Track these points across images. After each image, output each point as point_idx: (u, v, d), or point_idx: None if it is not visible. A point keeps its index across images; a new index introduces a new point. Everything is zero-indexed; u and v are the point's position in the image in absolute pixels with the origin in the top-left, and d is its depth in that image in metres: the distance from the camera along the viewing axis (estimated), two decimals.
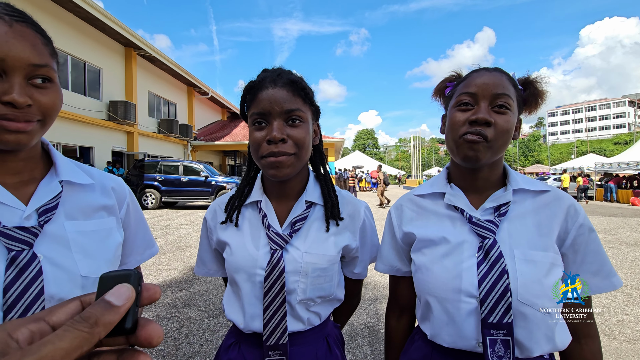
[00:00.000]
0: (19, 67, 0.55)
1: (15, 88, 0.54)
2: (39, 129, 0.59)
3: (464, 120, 0.74)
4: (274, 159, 0.76)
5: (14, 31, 0.55)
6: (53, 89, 0.60)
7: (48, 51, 0.59)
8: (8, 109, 0.54)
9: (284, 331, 0.77)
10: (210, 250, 0.94)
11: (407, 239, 0.85)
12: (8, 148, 0.57)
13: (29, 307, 0.55)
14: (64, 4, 10.58)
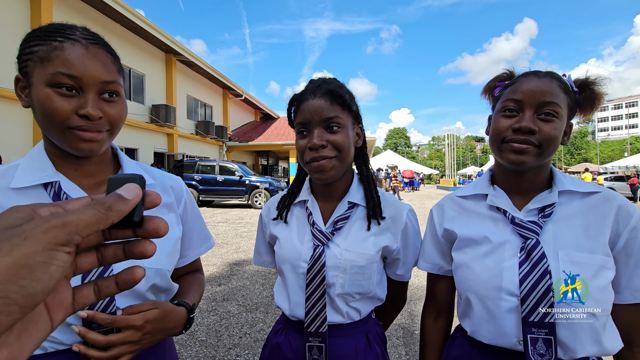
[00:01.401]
0: (93, 85, 0.63)
1: (89, 103, 0.62)
2: (107, 137, 0.67)
3: (507, 127, 0.75)
4: (317, 164, 0.82)
5: (89, 52, 0.63)
6: (120, 102, 0.68)
7: (116, 68, 0.68)
8: (83, 121, 0.62)
9: (323, 320, 0.83)
10: (264, 243, 1.04)
11: (448, 236, 0.87)
12: (83, 155, 0.65)
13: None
14: (111, 15, 11.37)
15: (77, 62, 0.61)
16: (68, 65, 0.60)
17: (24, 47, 0.63)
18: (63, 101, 0.60)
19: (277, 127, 22.49)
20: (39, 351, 0.61)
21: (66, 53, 0.60)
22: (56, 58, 0.60)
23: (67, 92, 0.61)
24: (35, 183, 0.64)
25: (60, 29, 0.63)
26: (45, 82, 0.60)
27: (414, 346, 2.59)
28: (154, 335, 0.67)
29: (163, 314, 0.68)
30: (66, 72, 0.60)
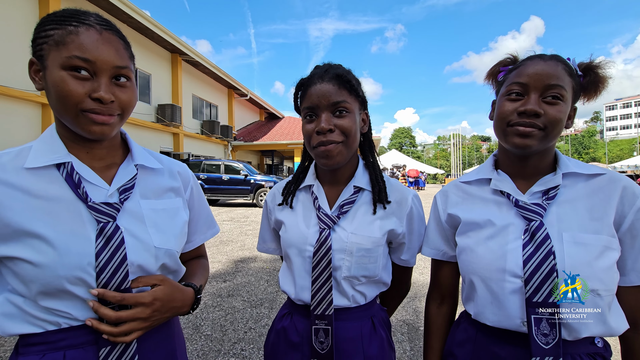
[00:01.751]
0: (106, 69, 0.64)
1: (102, 87, 0.63)
2: (118, 121, 0.69)
3: (512, 110, 0.75)
4: (324, 148, 0.83)
5: (103, 38, 0.64)
6: (131, 87, 0.69)
7: (127, 54, 0.69)
8: (96, 104, 0.63)
9: (329, 303, 0.83)
10: (269, 229, 1.05)
11: (451, 221, 0.87)
12: (94, 137, 0.67)
13: (115, 270, 0.64)
14: (118, 15, 11.49)
15: (91, 46, 0.62)
16: (83, 49, 0.61)
17: (39, 31, 0.64)
18: (77, 84, 0.62)
19: (282, 126, 22.53)
20: (53, 327, 0.63)
21: (81, 37, 0.62)
22: (71, 42, 0.61)
23: (82, 75, 0.62)
24: (49, 163, 0.65)
25: (75, 14, 0.65)
26: (61, 65, 0.61)
27: (418, 342, 2.59)
28: (162, 313, 0.69)
29: (171, 291, 0.70)
30: (81, 55, 0.61)
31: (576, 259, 0.68)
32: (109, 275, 0.64)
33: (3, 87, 8.21)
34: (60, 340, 0.63)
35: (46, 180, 0.65)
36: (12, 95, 8.46)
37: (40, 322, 0.63)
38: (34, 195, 0.63)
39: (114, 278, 0.64)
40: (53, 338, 0.63)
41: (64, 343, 0.64)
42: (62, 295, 0.62)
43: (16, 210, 0.61)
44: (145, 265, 0.69)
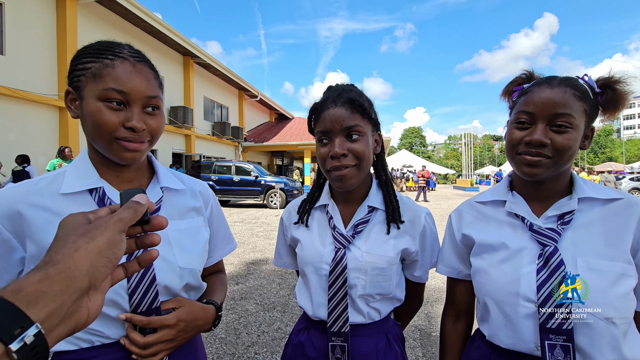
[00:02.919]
0: (138, 99, 0.68)
1: (135, 116, 0.67)
2: (148, 147, 0.73)
3: (520, 139, 0.76)
4: (338, 173, 0.85)
5: (136, 70, 0.68)
6: (160, 115, 0.73)
7: (157, 84, 0.73)
8: (128, 132, 0.68)
9: (345, 320, 0.86)
10: (285, 245, 1.08)
11: (466, 242, 0.88)
12: (126, 163, 0.71)
13: (146, 291, 0.68)
14: (132, 20, 11.72)
15: (125, 78, 0.66)
16: (118, 81, 0.65)
17: (76, 63, 0.69)
18: (112, 114, 0.66)
19: (292, 127, 22.62)
20: (86, 344, 0.67)
21: (116, 70, 0.66)
22: (107, 75, 0.65)
23: (116, 106, 0.66)
24: (82, 189, 0.70)
25: (110, 47, 0.69)
26: (97, 96, 0.65)
27: (431, 347, 2.59)
28: (187, 332, 0.72)
29: (193, 310, 0.73)
30: (116, 88, 0.65)
31: (590, 286, 0.69)
32: (140, 297, 0.67)
33: (23, 92, 8.47)
34: (93, 358, 0.67)
35: (79, 204, 0.69)
36: (31, 100, 8.71)
37: (75, 340, 0.66)
38: None
39: (144, 299, 0.68)
40: (86, 355, 0.67)
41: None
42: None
43: (52, 233, 0.64)
44: (170, 285, 0.73)
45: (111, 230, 0.37)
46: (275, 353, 2.50)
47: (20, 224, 0.64)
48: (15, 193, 0.67)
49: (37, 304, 0.30)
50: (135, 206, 0.41)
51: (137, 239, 0.43)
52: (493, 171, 40.89)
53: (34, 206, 0.66)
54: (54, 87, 9.43)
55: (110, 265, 0.36)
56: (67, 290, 0.32)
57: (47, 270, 0.32)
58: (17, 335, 0.28)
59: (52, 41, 9.41)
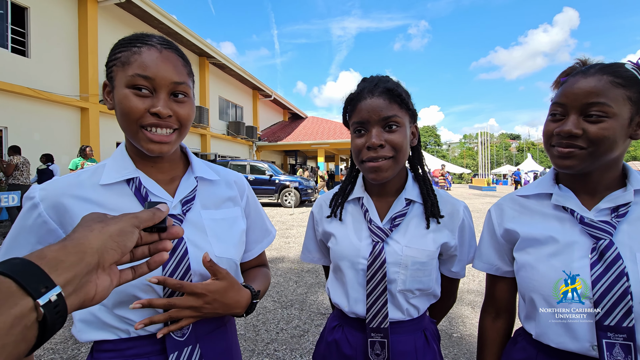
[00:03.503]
0: (164, 85, 0.67)
1: (161, 102, 0.66)
2: (176, 137, 0.71)
3: (551, 131, 0.75)
4: (374, 164, 0.83)
5: (162, 56, 0.67)
6: (188, 102, 0.72)
7: (186, 71, 0.72)
8: (154, 119, 0.67)
9: (385, 316, 0.83)
10: (315, 240, 1.06)
11: (508, 236, 0.85)
12: (153, 155, 0.69)
13: (181, 279, 0.67)
14: (150, 21, 11.95)
15: (151, 64, 0.65)
16: (144, 67, 0.65)
17: (111, 55, 0.69)
18: (138, 100, 0.65)
19: (305, 126, 22.66)
20: (124, 335, 0.67)
21: (143, 56, 0.66)
22: (134, 61, 0.65)
23: (142, 92, 0.66)
24: (119, 179, 0.70)
25: (140, 37, 0.69)
26: (125, 83, 0.65)
27: (452, 349, 2.54)
28: (213, 307, 0.68)
29: (225, 287, 0.69)
30: (142, 73, 0.65)
31: None
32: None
33: (46, 93, 8.75)
34: (129, 349, 0.67)
35: (118, 194, 0.70)
36: (55, 100, 9.00)
37: (113, 330, 0.67)
38: (109, 209, 0.68)
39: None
40: (123, 346, 0.67)
41: (132, 351, 0.67)
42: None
43: None
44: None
45: (125, 222, 0.42)
46: (294, 350, 2.50)
47: (64, 214, 0.66)
48: (59, 186, 0.68)
49: (56, 270, 0.33)
50: (155, 211, 0.46)
51: (151, 245, 0.47)
52: (510, 170, 40.01)
53: (76, 197, 0.68)
54: (76, 88, 9.71)
55: (119, 250, 0.40)
56: (79, 263, 0.36)
57: (64, 242, 0.37)
58: (43, 293, 0.31)
59: (74, 44, 9.69)
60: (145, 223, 0.44)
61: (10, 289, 0.30)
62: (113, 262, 0.40)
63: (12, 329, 0.29)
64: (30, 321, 0.30)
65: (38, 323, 0.31)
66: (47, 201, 0.66)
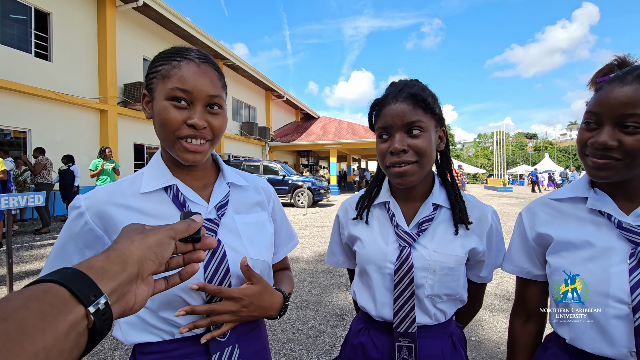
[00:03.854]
0: (201, 98, 0.69)
1: (197, 114, 0.69)
2: (209, 147, 0.74)
3: (586, 141, 0.73)
4: (398, 169, 0.83)
5: (200, 70, 0.70)
6: (222, 114, 0.75)
7: (221, 84, 0.75)
8: (191, 130, 0.69)
9: (412, 321, 0.83)
10: (340, 243, 1.07)
11: (540, 240, 0.83)
12: (187, 164, 0.72)
13: (221, 281, 0.70)
14: (165, 24, 12.19)
15: (189, 78, 0.68)
16: (183, 81, 0.68)
17: (151, 67, 0.72)
18: (176, 112, 0.68)
19: (318, 127, 22.68)
20: (168, 337, 0.69)
21: (182, 70, 0.68)
22: (174, 75, 0.68)
23: (180, 104, 0.68)
24: (158, 187, 0.73)
25: (179, 51, 0.72)
26: (165, 96, 0.68)
27: (470, 353, 2.50)
28: (250, 310, 0.72)
29: (260, 291, 0.73)
30: (180, 86, 0.67)
31: None
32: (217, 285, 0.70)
33: (67, 96, 9.02)
34: (174, 350, 0.69)
35: (157, 201, 0.73)
36: (75, 103, 9.27)
37: (157, 332, 0.69)
38: (150, 216, 0.71)
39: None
40: (168, 347, 0.69)
41: (177, 352, 0.69)
42: (179, 306, 0.68)
43: None
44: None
45: (163, 234, 0.44)
46: (310, 351, 2.51)
47: (109, 221, 0.69)
48: (103, 195, 0.71)
49: (102, 279, 0.35)
50: (190, 222, 0.48)
51: (185, 255, 0.48)
52: (527, 170, 39.13)
53: (119, 205, 0.70)
54: (95, 90, 9.98)
55: (157, 261, 0.42)
56: (122, 272, 0.37)
57: (108, 252, 0.39)
58: (93, 301, 0.33)
59: (93, 47, 9.96)
60: (181, 234, 0.46)
61: (65, 296, 0.31)
62: (151, 272, 0.42)
63: (68, 335, 0.30)
64: (82, 328, 0.32)
65: (88, 330, 0.33)
66: (92, 210, 0.69)
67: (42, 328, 0.28)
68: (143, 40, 11.79)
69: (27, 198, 3.60)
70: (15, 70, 8.06)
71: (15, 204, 3.50)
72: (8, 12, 8.20)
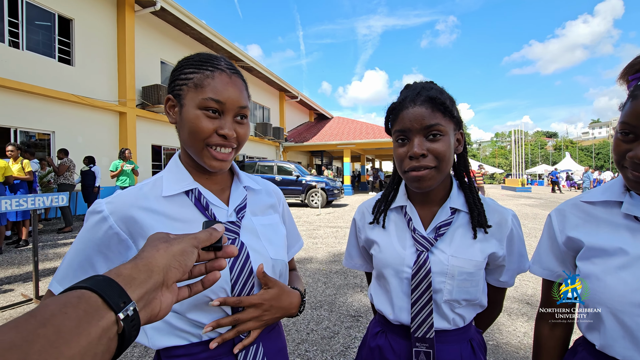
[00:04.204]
0: (232, 109, 0.72)
1: (227, 124, 0.72)
2: (234, 155, 0.77)
3: (624, 152, 0.70)
4: (416, 174, 0.82)
5: (232, 81, 0.73)
6: (247, 123, 0.78)
7: (247, 95, 0.78)
8: (220, 139, 0.72)
9: (430, 326, 0.82)
10: (357, 247, 1.07)
11: (571, 244, 0.81)
12: (214, 171, 0.75)
13: (246, 281, 0.72)
14: (182, 27, 12.43)
15: (222, 89, 0.71)
16: (217, 92, 0.70)
17: (179, 73, 0.74)
18: (208, 122, 0.70)
19: (331, 127, 22.66)
20: (196, 339, 0.70)
21: (215, 81, 0.71)
22: (208, 85, 0.70)
23: (212, 114, 0.71)
24: (180, 191, 0.75)
25: (209, 59, 0.73)
26: (197, 105, 0.70)
27: (488, 357, 2.45)
28: (272, 313, 0.75)
29: (278, 293, 0.76)
30: (214, 97, 0.70)
31: None
32: (242, 286, 0.72)
33: (89, 99, 9.31)
34: (201, 352, 0.70)
35: (179, 205, 0.75)
36: (96, 105, 9.56)
37: (185, 335, 0.70)
38: (174, 219, 0.73)
39: (244, 288, 0.72)
40: (195, 350, 0.70)
41: (204, 355, 0.70)
42: (206, 308, 0.70)
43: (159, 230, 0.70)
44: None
45: (186, 243, 0.45)
46: (325, 352, 2.51)
47: (134, 225, 0.70)
48: (126, 199, 0.72)
49: (131, 286, 0.37)
50: (212, 231, 0.49)
51: (207, 263, 0.50)
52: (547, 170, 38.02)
53: (143, 209, 0.71)
54: (115, 93, 10.26)
55: (181, 269, 0.43)
56: (148, 280, 0.39)
57: (135, 261, 0.40)
58: (122, 308, 0.34)
59: (112, 51, 10.25)
60: (203, 243, 0.47)
61: (97, 303, 0.33)
62: (175, 280, 0.43)
63: (101, 340, 0.31)
64: (112, 333, 0.33)
65: (118, 335, 0.34)
66: (117, 214, 0.69)
67: (77, 333, 0.30)
68: (160, 43, 12.06)
69: (51, 198, 3.74)
70: (40, 75, 8.38)
71: (40, 204, 3.63)
72: (33, 19, 8.53)
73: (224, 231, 0.50)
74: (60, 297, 0.32)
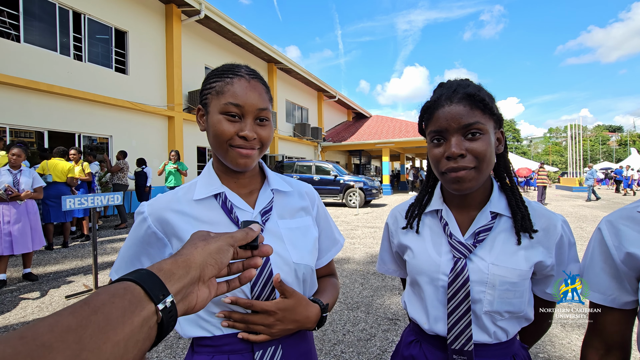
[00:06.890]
0: (251, 111, 0.75)
1: (248, 127, 0.74)
2: (257, 154, 0.78)
3: None
4: (455, 175, 0.77)
5: (250, 85, 0.75)
6: (269, 125, 0.79)
7: (268, 97, 0.79)
8: (242, 141, 0.74)
9: (469, 338, 0.77)
10: (390, 252, 1.03)
11: (632, 263, 0.70)
12: (239, 169, 0.77)
13: (265, 284, 0.73)
14: (224, 34, 12.97)
15: (241, 93, 0.74)
16: (235, 96, 0.73)
17: (206, 84, 0.78)
18: (230, 125, 0.74)
19: (370, 126, 22.39)
20: (219, 332, 0.74)
21: (234, 87, 0.74)
22: (227, 91, 0.74)
23: (232, 118, 0.74)
24: (208, 195, 0.79)
25: (231, 68, 0.77)
26: (219, 110, 0.74)
27: None
28: (284, 324, 0.73)
29: (294, 306, 0.74)
30: (233, 102, 0.73)
31: None
32: (260, 288, 0.73)
33: (141, 105, 10.04)
34: (225, 345, 0.74)
35: (208, 208, 0.79)
36: (148, 111, 10.28)
37: (210, 327, 0.74)
38: (202, 221, 0.77)
39: (264, 291, 0.73)
40: (220, 342, 0.74)
41: (228, 347, 0.74)
42: (222, 305, 0.73)
43: (190, 231, 0.74)
44: (286, 279, 0.77)
45: (223, 241, 0.47)
46: (361, 354, 2.48)
47: (167, 225, 0.76)
48: (161, 202, 0.79)
49: (170, 280, 0.39)
50: (248, 231, 0.51)
51: (244, 261, 0.52)
52: (609, 169, 34.51)
53: (175, 211, 0.77)
54: (164, 99, 10.96)
55: (217, 266, 0.45)
56: (186, 275, 0.41)
57: (175, 257, 0.43)
58: (161, 300, 0.37)
59: (162, 59, 10.96)
60: (239, 242, 0.49)
61: (140, 294, 0.36)
62: (212, 276, 0.45)
63: (142, 328, 0.35)
64: (152, 322, 0.36)
65: (157, 325, 0.37)
66: (154, 215, 0.77)
67: (122, 321, 0.33)
68: (204, 49, 12.67)
69: (108, 197, 4.08)
70: (100, 85, 9.19)
71: (99, 202, 3.99)
72: (94, 33, 9.36)
73: (260, 231, 0.52)
74: (110, 288, 0.35)
